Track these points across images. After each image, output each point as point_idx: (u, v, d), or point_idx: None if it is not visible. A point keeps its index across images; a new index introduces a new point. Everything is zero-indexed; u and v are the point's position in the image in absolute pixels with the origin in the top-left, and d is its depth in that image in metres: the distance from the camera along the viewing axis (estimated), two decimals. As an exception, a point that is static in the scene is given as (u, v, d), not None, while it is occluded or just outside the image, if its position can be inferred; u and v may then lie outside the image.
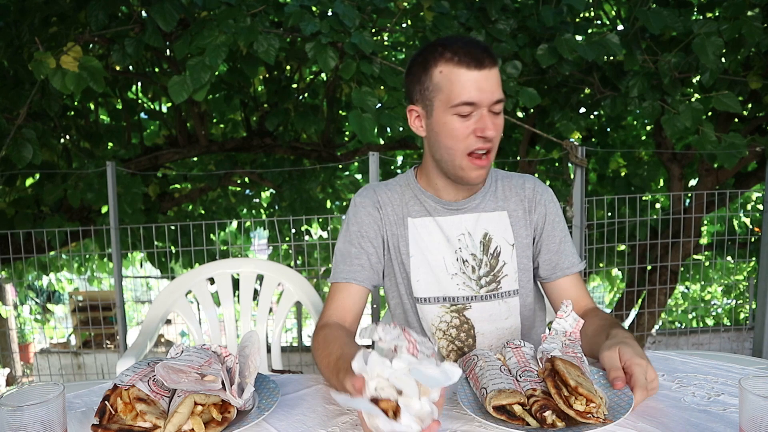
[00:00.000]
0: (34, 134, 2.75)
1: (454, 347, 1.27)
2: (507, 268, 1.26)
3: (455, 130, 1.13)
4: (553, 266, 1.29)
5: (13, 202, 3.42)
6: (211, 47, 2.30)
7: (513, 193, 1.30)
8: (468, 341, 1.26)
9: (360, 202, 1.30)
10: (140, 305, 5.94)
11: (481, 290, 1.25)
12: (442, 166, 1.21)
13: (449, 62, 1.11)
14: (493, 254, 1.26)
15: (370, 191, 1.32)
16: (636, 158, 4.13)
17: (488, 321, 1.26)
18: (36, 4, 2.71)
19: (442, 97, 1.13)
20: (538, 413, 0.84)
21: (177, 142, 3.76)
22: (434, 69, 1.13)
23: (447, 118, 1.13)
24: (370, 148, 3.52)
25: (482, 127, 1.12)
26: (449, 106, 1.12)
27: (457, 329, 1.26)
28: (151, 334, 1.61)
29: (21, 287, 4.80)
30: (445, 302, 1.25)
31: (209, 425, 0.83)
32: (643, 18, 2.52)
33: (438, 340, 1.27)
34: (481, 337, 1.27)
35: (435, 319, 1.26)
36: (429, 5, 2.71)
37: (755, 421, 0.71)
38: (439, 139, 1.17)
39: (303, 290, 1.68)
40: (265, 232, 4.96)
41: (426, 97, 1.16)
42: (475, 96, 1.10)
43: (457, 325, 1.26)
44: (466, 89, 1.10)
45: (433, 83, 1.14)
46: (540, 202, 1.30)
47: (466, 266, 1.25)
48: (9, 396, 0.77)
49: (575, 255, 1.31)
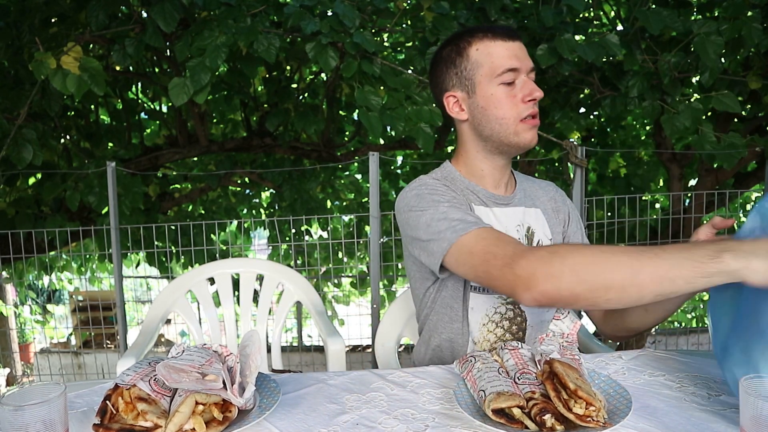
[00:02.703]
0: (35, 134, 2.75)
1: (505, 340, 1.26)
2: None
3: (506, 99, 1.18)
4: None
5: (14, 202, 3.42)
6: (211, 48, 2.30)
7: (541, 193, 1.36)
8: (519, 334, 1.27)
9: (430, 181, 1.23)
10: (140, 305, 5.94)
11: None
12: (493, 140, 1.21)
13: (483, 39, 1.19)
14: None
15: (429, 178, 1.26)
16: (636, 158, 4.14)
17: (537, 313, 1.28)
18: (36, 4, 2.71)
19: (483, 71, 1.18)
20: (537, 416, 0.83)
21: (177, 142, 3.76)
22: (470, 48, 1.19)
23: (493, 89, 1.18)
24: (370, 148, 3.52)
25: (529, 91, 1.18)
26: (494, 76, 1.17)
27: (510, 321, 1.26)
28: (152, 333, 1.61)
29: (21, 287, 4.80)
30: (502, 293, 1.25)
31: (210, 424, 0.83)
32: (643, 18, 2.52)
33: (488, 332, 1.26)
34: (530, 329, 1.27)
35: (490, 310, 1.25)
36: (429, 5, 2.71)
37: (755, 421, 0.71)
38: (487, 113, 1.20)
39: (303, 290, 1.68)
40: (265, 232, 4.96)
41: (465, 77, 1.20)
42: (516, 62, 1.17)
43: (510, 318, 1.26)
44: (506, 57, 1.17)
45: (471, 62, 1.19)
46: (564, 204, 1.37)
47: None
48: (10, 395, 0.77)
49: None
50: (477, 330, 1.26)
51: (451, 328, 1.29)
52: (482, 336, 1.26)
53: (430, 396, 0.99)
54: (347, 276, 4.99)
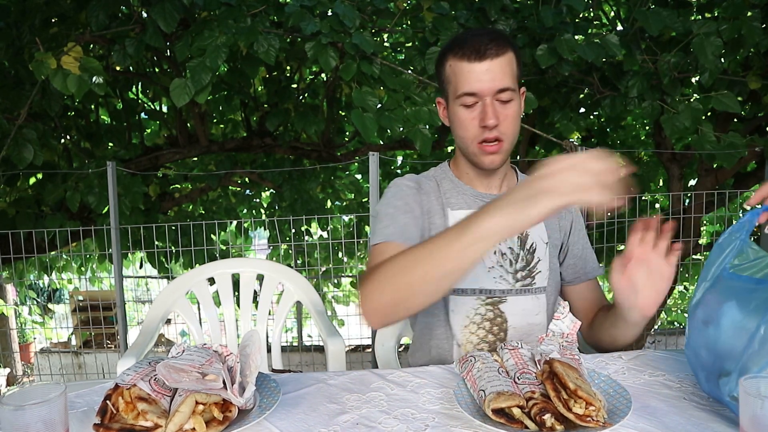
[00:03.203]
0: (35, 134, 2.75)
1: (488, 341, 1.27)
2: (541, 265, 1.29)
3: (463, 121, 1.19)
4: (578, 270, 1.35)
5: (14, 202, 3.42)
6: (211, 48, 2.30)
7: None
8: (500, 335, 1.27)
9: (404, 184, 1.29)
10: (140, 305, 5.94)
11: (516, 284, 1.27)
12: (462, 153, 1.26)
13: (455, 56, 1.17)
14: (530, 250, 1.28)
15: (410, 179, 1.32)
16: (635, 158, 4.14)
17: (521, 315, 1.27)
18: (37, 4, 2.71)
19: (451, 89, 1.20)
20: (537, 416, 0.83)
21: (177, 142, 3.77)
22: (446, 63, 1.20)
23: (456, 109, 1.19)
24: (370, 148, 3.52)
25: (482, 117, 1.16)
26: (455, 97, 1.18)
27: (491, 322, 1.26)
28: (152, 333, 1.61)
29: (21, 287, 4.80)
30: (481, 294, 1.26)
31: (210, 424, 0.84)
32: (642, 18, 2.52)
33: (470, 334, 1.26)
34: (513, 331, 1.27)
35: (470, 311, 1.26)
36: (429, 6, 2.72)
37: (755, 421, 0.71)
38: (453, 129, 1.24)
39: (303, 290, 1.68)
40: (265, 232, 4.96)
41: (443, 90, 1.24)
42: (476, 86, 1.15)
43: (491, 318, 1.26)
44: (467, 81, 1.15)
45: (445, 76, 1.21)
46: (569, 210, 1.36)
47: (504, 259, 1.26)
48: (11, 395, 0.77)
49: (596, 260, 1.38)
50: (459, 332, 1.27)
51: (435, 334, 1.30)
52: (465, 338, 1.27)
53: (430, 396, 0.99)
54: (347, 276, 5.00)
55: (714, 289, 0.93)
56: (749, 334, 0.83)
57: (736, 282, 0.91)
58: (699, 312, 0.94)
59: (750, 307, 0.86)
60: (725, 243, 0.94)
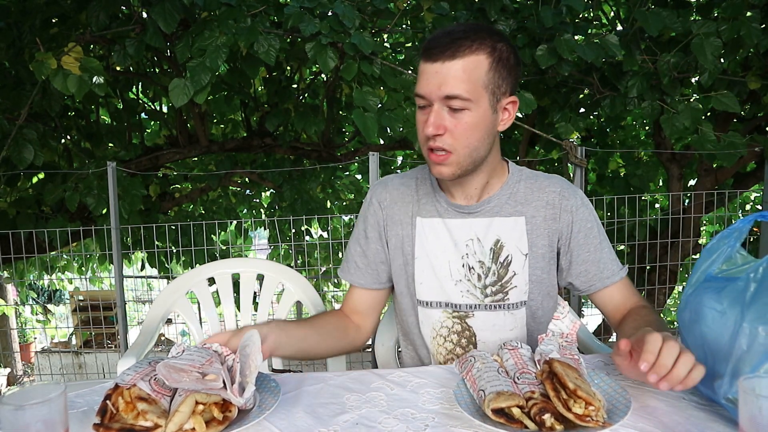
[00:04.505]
0: (35, 135, 2.75)
1: (455, 354, 1.24)
2: (517, 279, 1.19)
3: (417, 123, 1.12)
4: (590, 278, 1.20)
5: (15, 202, 3.42)
6: (211, 48, 2.30)
7: (535, 197, 1.20)
8: (469, 347, 1.23)
9: (368, 199, 1.30)
10: (141, 305, 5.94)
11: (485, 299, 1.20)
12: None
13: (422, 55, 1.09)
14: (503, 263, 1.19)
15: (380, 187, 1.29)
16: (635, 158, 4.14)
17: (491, 331, 1.21)
18: (37, 5, 2.71)
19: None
20: (536, 416, 0.83)
21: (177, 142, 3.77)
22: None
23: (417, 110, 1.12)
24: (370, 148, 3.52)
25: (424, 121, 1.07)
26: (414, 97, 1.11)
27: (458, 335, 1.22)
28: (152, 333, 1.62)
29: (22, 287, 4.81)
30: (447, 308, 1.22)
31: (210, 424, 0.84)
32: (642, 19, 2.52)
33: (438, 346, 1.25)
34: (482, 345, 1.23)
35: (436, 324, 1.24)
36: (429, 6, 2.72)
37: (755, 421, 0.71)
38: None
39: (303, 290, 1.68)
40: (265, 232, 4.96)
41: None
42: (423, 88, 1.06)
43: (458, 331, 1.22)
44: (419, 81, 1.08)
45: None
46: (566, 209, 1.19)
47: (472, 273, 1.20)
48: (11, 395, 0.77)
49: (615, 262, 1.21)
50: (429, 342, 1.26)
51: (411, 339, 1.31)
52: (435, 349, 1.25)
53: (430, 396, 0.99)
54: (347, 276, 4.97)
55: (696, 291, 0.94)
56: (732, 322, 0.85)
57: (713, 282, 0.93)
58: (686, 314, 0.95)
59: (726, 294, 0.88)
60: (713, 248, 0.95)
